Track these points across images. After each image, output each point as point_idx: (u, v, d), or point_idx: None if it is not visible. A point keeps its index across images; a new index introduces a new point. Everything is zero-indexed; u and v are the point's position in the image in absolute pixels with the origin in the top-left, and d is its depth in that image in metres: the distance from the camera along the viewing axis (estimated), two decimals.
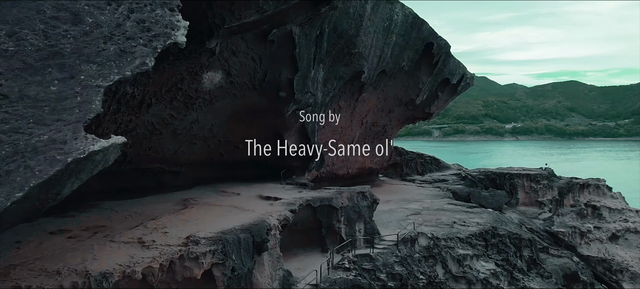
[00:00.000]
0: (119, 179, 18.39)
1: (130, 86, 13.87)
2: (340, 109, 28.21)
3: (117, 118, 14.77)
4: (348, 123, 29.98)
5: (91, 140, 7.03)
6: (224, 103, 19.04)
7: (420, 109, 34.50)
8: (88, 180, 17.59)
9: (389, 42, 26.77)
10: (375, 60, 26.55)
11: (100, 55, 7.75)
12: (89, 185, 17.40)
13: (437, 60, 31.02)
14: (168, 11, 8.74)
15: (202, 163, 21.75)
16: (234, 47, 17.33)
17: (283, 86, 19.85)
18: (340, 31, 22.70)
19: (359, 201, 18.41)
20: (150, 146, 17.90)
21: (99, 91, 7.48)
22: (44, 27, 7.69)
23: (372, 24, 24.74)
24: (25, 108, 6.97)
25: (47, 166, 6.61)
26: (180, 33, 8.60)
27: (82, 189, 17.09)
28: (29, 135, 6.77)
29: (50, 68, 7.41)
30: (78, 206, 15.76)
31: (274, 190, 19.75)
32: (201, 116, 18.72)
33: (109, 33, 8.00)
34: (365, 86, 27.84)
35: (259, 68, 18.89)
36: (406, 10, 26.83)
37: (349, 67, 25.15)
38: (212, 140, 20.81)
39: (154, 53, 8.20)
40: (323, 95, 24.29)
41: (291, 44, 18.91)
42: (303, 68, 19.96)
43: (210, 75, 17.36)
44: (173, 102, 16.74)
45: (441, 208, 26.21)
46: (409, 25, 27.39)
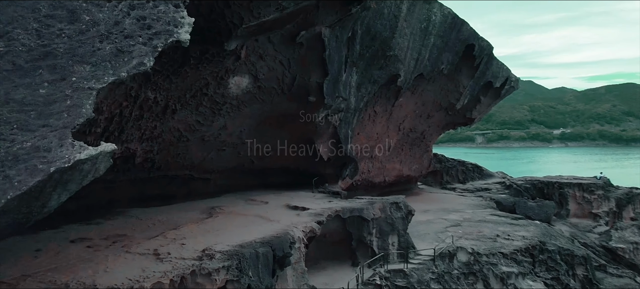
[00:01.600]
0: (149, 186, 18.06)
1: (151, 91, 13.38)
2: (375, 114, 26.91)
3: (141, 124, 14.31)
4: (384, 129, 28.59)
5: (78, 148, 6.29)
6: (252, 108, 18.31)
7: (461, 114, 32.55)
8: (118, 186, 17.39)
9: (426, 44, 25.25)
10: (412, 63, 25.08)
11: (94, 55, 7.05)
12: (118, 191, 17.29)
13: (478, 63, 29.07)
14: (172, 7, 7.97)
15: (232, 170, 21.15)
16: (261, 51, 16.55)
17: (312, 90, 18.87)
18: (374, 33, 21.49)
19: (393, 212, 17.06)
20: (178, 153, 17.42)
21: (91, 94, 6.76)
22: (37, 25, 7.09)
23: (408, 25, 23.34)
24: (10, 113, 6.34)
25: (27, 177, 5.91)
26: (184, 30, 7.79)
27: (111, 195, 16.97)
28: (11, 142, 6.12)
29: (41, 69, 6.78)
30: (105, 213, 15.48)
31: (303, 199, 18.77)
32: (229, 122, 18.08)
33: (106, 31, 7.30)
34: (402, 90, 26.39)
35: (287, 72, 18.02)
36: (445, 10, 25.23)
37: (384, 71, 23.84)
38: (242, 146, 20.15)
39: (153, 53, 7.42)
40: (357, 100, 23.12)
41: (321, 46, 17.91)
42: (333, 71, 18.90)
43: (237, 79, 16.66)
44: (199, 108, 16.15)
45: (483, 219, 24.27)
46: (448, 26, 25.74)
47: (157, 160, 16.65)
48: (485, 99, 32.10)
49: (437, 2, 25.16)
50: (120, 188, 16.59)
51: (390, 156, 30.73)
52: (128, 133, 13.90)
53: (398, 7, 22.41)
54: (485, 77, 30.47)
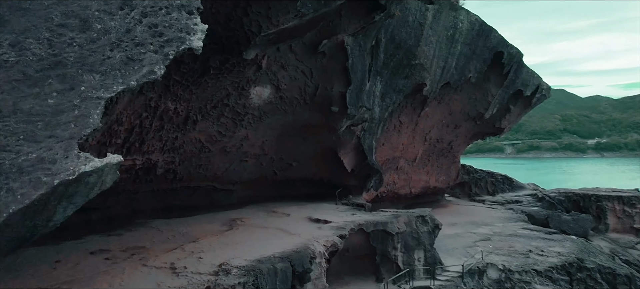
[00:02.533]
0: (171, 197, 17.95)
1: (171, 102, 13.22)
2: (401, 125, 26.20)
3: (162, 135, 14.18)
4: (410, 140, 27.81)
5: (84, 159, 6.01)
6: (274, 119, 18.00)
7: (490, 124, 31.38)
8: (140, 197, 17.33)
9: (453, 52, 24.44)
10: (439, 72, 24.31)
11: (104, 63, 6.81)
12: (141, 202, 17.22)
13: (507, 71, 27.97)
14: (185, 14, 7.68)
15: (255, 181, 20.86)
16: (283, 60, 16.26)
17: (335, 100, 18.41)
18: (398, 41, 20.92)
19: (419, 226, 16.31)
20: (200, 164, 17.24)
21: (99, 103, 6.50)
22: (49, 35, 6.91)
23: (434, 33, 22.66)
24: (17, 124, 6.13)
25: (31, 190, 5.65)
26: (197, 37, 7.48)
27: (133, 206, 16.91)
28: (17, 154, 5.89)
29: (50, 79, 6.57)
30: (127, 224, 15.39)
31: (326, 211, 18.25)
32: (251, 133, 17.81)
33: (117, 39, 7.06)
34: (428, 100, 25.61)
35: (309, 82, 17.65)
36: (472, 17, 24.41)
37: (410, 80, 23.17)
38: (264, 157, 19.85)
39: (164, 61, 7.13)
40: (381, 110, 22.51)
41: (343, 55, 17.48)
42: (356, 81, 18.41)
43: (258, 90, 16.39)
44: (220, 119, 15.94)
45: (515, 233, 23.07)
46: (475, 33, 24.88)
47: (179, 171, 16.51)
48: (515, 108, 30.86)
49: (463, 9, 24.39)
50: (143, 199, 16.51)
51: (417, 168, 29.87)
52: (149, 144, 13.78)
53: (423, 14, 21.78)
54: (515, 86, 29.29)
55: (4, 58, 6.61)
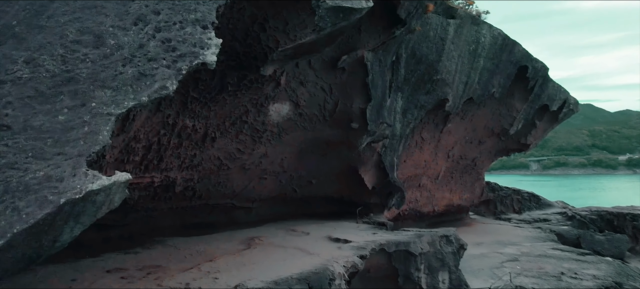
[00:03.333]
0: (190, 215, 17.77)
1: (189, 119, 13.10)
2: (423, 141, 25.58)
3: (180, 152, 14.05)
4: (432, 157, 27.10)
5: (91, 177, 5.78)
6: (293, 136, 17.72)
7: (515, 140, 30.39)
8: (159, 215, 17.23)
9: (475, 67, 23.84)
10: (461, 87, 23.71)
11: (116, 79, 6.64)
12: (160, 220, 17.10)
13: (532, 85, 27.13)
14: (200, 29, 7.49)
15: (275, 199, 20.54)
16: (302, 77, 16.05)
17: (355, 116, 18.02)
18: (419, 56, 20.50)
19: (443, 246, 15.60)
20: (219, 181, 17.04)
21: (109, 119, 6.29)
22: (63, 51, 6.81)
23: (456, 48, 22.16)
24: (27, 141, 5.97)
25: (36, 209, 5.44)
26: (211, 52, 7.26)
27: (153, 224, 16.79)
28: (24, 172, 5.71)
29: (62, 95, 6.43)
30: (145, 242, 15.23)
31: (346, 230, 17.72)
32: (270, 150, 17.55)
33: (129, 55, 6.90)
34: (451, 116, 24.99)
35: (329, 98, 17.35)
36: (494, 32, 23.82)
37: (431, 95, 22.65)
38: (283, 175, 19.53)
39: (177, 76, 6.91)
40: (402, 127, 22.00)
41: (363, 70, 17.15)
42: (377, 97, 18.01)
43: (277, 106, 16.17)
44: (239, 136, 15.75)
45: (544, 253, 21.96)
46: (499, 47, 24.25)
47: (197, 188, 16.34)
48: (541, 123, 29.83)
49: (485, 23, 23.85)
50: (162, 216, 16.37)
51: (440, 185, 29.05)
52: (167, 161, 13.66)
53: (444, 29, 21.35)
54: (541, 100, 28.35)
55: (17, 75, 6.52)
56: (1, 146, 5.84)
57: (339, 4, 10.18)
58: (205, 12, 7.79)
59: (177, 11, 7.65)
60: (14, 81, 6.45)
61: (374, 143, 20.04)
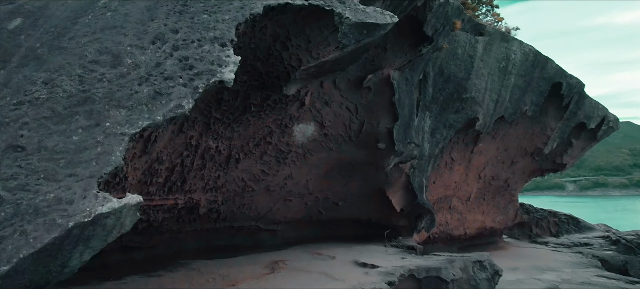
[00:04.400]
0: (214, 237, 17.49)
1: (213, 140, 12.90)
2: (452, 161, 24.63)
3: (204, 174, 13.85)
4: (463, 177, 26.04)
5: (101, 200, 5.49)
6: (318, 157, 17.31)
7: (550, 160, 28.92)
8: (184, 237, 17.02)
9: (506, 85, 22.93)
10: (492, 106, 22.80)
11: (131, 98, 6.43)
12: (184, 242, 16.88)
13: (567, 102, 25.84)
14: (218, 46, 7.25)
15: (300, 221, 20.05)
16: (327, 97, 15.72)
17: (382, 137, 17.47)
18: (447, 74, 19.87)
19: (476, 272, 14.65)
20: (243, 203, 16.73)
21: (123, 139, 6.04)
22: (81, 71, 6.68)
23: (485, 65, 21.40)
24: (40, 162, 5.78)
25: (44, 233, 5.18)
26: (228, 70, 6.98)
27: (177, 246, 16.57)
28: (35, 194, 5.49)
29: (77, 115, 6.25)
30: (168, 265, 14.98)
31: (374, 254, 16.99)
32: (295, 171, 17.17)
33: (146, 74, 6.70)
34: (481, 135, 24.01)
35: (354, 118, 16.91)
36: (525, 48, 22.94)
37: (461, 114, 21.85)
38: (309, 196, 19.07)
39: (193, 94, 6.64)
40: (431, 146, 21.23)
41: (390, 90, 16.69)
42: (404, 116, 17.44)
43: (302, 127, 15.85)
44: (263, 157, 15.47)
45: (587, 281, 20.41)
46: (530, 64, 23.30)
47: (222, 210, 16.07)
48: (578, 142, 28.30)
49: (516, 39, 23.03)
50: (186, 239, 16.15)
51: (471, 207, 27.83)
52: (191, 183, 13.47)
53: (473, 46, 20.69)
54: (577, 118, 26.95)
55: (36, 95, 6.41)
56: (15, 167, 5.67)
57: (362, 20, 9.82)
58: (224, 30, 7.57)
59: (196, 29, 7.46)
60: (31, 102, 6.34)
61: (401, 164, 19.36)
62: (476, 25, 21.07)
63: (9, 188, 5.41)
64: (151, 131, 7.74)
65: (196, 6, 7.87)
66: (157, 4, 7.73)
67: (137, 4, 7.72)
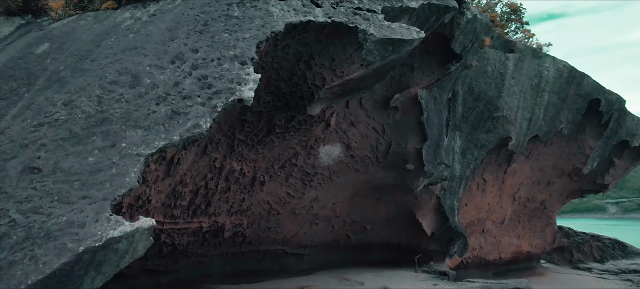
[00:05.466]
0: (240, 261, 17.11)
1: (237, 162, 12.66)
2: (485, 183, 23.55)
3: (228, 197, 13.59)
4: (496, 199, 24.84)
5: (113, 223, 5.21)
6: (345, 179, 16.81)
7: (590, 180, 27.27)
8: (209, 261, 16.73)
9: (539, 103, 21.91)
10: (525, 124, 21.78)
11: (148, 118, 6.21)
12: (210, 266, 16.57)
13: (607, 119, 24.43)
14: (238, 65, 7.01)
15: (327, 245, 19.44)
16: (353, 117, 15.32)
17: (410, 157, 16.84)
18: (477, 93, 19.15)
19: None
20: (269, 226, 16.35)
21: (138, 160, 5.80)
22: (100, 92, 6.55)
23: (516, 83, 20.54)
24: (54, 184, 5.59)
25: (54, 258, 4.91)
26: (248, 88, 6.70)
27: (202, 270, 16.27)
28: (48, 216, 5.27)
29: (94, 136, 6.08)
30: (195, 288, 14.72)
31: (404, 279, 16.18)
32: (321, 194, 16.71)
33: (164, 93, 6.50)
34: (515, 155, 22.92)
35: (382, 139, 16.39)
36: (559, 64, 21.95)
37: (492, 134, 20.93)
38: (336, 220, 18.49)
39: (211, 114, 6.38)
40: (462, 167, 20.35)
41: (418, 109, 16.15)
42: (433, 136, 16.79)
43: (328, 148, 15.45)
44: (289, 179, 15.11)
45: None
46: (565, 80, 22.23)
47: (247, 233, 15.72)
48: (620, 161, 26.63)
49: (548, 56, 22.08)
50: (211, 262, 15.84)
51: (506, 230, 26.44)
52: (215, 206, 13.22)
53: (503, 64, 19.93)
54: (618, 136, 25.40)
55: (55, 117, 6.31)
56: (30, 189, 5.50)
57: (387, 36, 9.45)
58: (245, 48, 7.35)
59: (216, 48, 7.27)
60: (51, 123, 6.23)
61: (431, 186, 18.59)
62: (506, 42, 20.35)
63: (22, 211, 5.22)
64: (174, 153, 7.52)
65: (217, 25, 7.71)
66: (178, 25, 7.62)
67: (159, 25, 7.64)
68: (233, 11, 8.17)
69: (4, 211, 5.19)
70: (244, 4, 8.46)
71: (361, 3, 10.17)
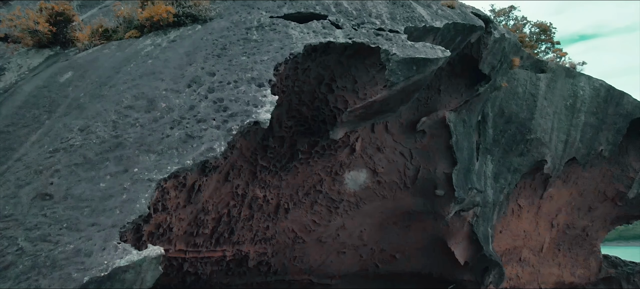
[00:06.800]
0: None
1: (260, 189, 12.36)
2: (520, 209, 22.30)
3: (252, 225, 13.22)
4: (533, 226, 23.43)
5: (121, 252, 4.90)
6: (372, 206, 16.18)
7: (636, 205, 25.41)
8: None
9: (576, 124, 20.77)
10: (560, 147, 20.64)
11: (162, 142, 5.98)
12: None
13: None
14: (255, 87, 6.76)
15: (355, 275, 18.62)
16: (379, 142, 14.84)
17: (440, 183, 16.08)
18: (508, 115, 18.33)
19: None
20: (295, 255, 15.81)
21: (150, 186, 5.54)
22: (116, 117, 6.41)
23: (550, 104, 19.60)
24: (65, 210, 5.37)
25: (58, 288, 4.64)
26: (264, 110, 6.41)
27: None
28: (55, 244, 5.03)
29: (107, 161, 5.88)
30: None
31: None
32: (348, 221, 16.11)
33: (179, 117, 6.29)
34: (551, 179, 21.66)
35: (409, 164, 15.77)
36: (595, 83, 20.88)
37: (526, 157, 19.90)
38: (363, 248, 17.75)
39: (226, 137, 6.09)
40: (495, 193, 19.33)
41: (446, 132, 15.51)
42: (463, 160, 16.03)
43: (353, 174, 14.95)
44: (314, 207, 14.65)
45: None
46: (602, 100, 21.07)
47: (272, 263, 15.23)
48: None
49: (583, 75, 21.08)
50: None
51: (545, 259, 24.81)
52: (239, 234, 12.88)
53: (534, 84, 19.09)
54: None
55: (71, 142, 6.19)
56: (40, 216, 5.31)
57: (411, 56, 9.05)
58: (262, 70, 7.12)
59: (233, 71, 7.07)
60: (66, 149, 6.10)
61: (463, 212, 17.65)
62: (537, 62, 19.57)
63: (31, 239, 5.01)
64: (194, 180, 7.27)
65: (235, 49, 7.55)
66: (196, 49, 7.51)
67: (178, 50, 7.55)
68: (252, 35, 8.02)
69: (12, 239, 5.00)
70: (263, 27, 8.31)
71: (383, 24, 9.88)
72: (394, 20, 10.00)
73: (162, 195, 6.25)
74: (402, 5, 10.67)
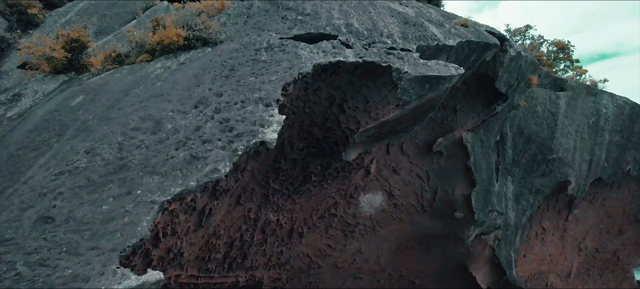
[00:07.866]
0: None
1: (273, 213, 12.07)
2: (544, 231, 21.34)
3: (265, 249, 12.88)
4: (559, 250, 22.35)
5: (119, 277, 4.67)
6: (389, 230, 15.67)
7: None
8: None
9: (600, 142, 19.98)
10: (585, 166, 19.81)
11: (166, 164, 5.81)
12: None
13: None
14: (262, 107, 6.58)
15: None
16: (394, 164, 14.46)
17: (459, 205, 15.52)
18: (528, 134, 17.74)
19: None
20: (310, 281, 15.33)
21: (152, 208, 5.33)
22: (121, 139, 6.29)
23: (571, 122, 18.92)
24: (65, 234, 5.20)
25: None
26: (271, 130, 6.20)
27: None
28: (53, 269, 4.83)
29: (111, 183, 5.73)
30: None
31: None
32: (364, 246, 15.61)
33: (184, 138, 6.13)
34: (576, 200, 20.74)
35: (426, 186, 15.29)
36: (618, 100, 20.13)
37: (548, 178, 19.14)
38: (381, 274, 17.13)
39: (232, 157, 5.88)
40: (517, 215, 18.57)
41: (463, 153, 15.03)
42: (482, 181, 15.47)
43: (369, 197, 14.56)
44: (329, 231, 14.25)
45: None
46: (627, 117, 20.26)
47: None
48: None
49: (605, 92, 20.36)
50: None
51: (573, 284, 23.53)
52: (252, 259, 12.54)
53: (554, 103, 18.50)
54: None
55: (76, 165, 6.08)
56: (40, 240, 5.15)
57: (423, 74, 8.78)
58: (270, 90, 6.95)
59: (241, 91, 6.93)
60: (71, 171, 5.98)
61: (484, 235, 16.93)
62: (556, 80, 19.01)
63: (29, 263, 4.84)
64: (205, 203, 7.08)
65: (243, 70, 7.43)
66: (205, 71, 7.42)
67: (187, 73, 7.48)
68: (261, 56, 7.91)
69: (11, 263, 4.84)
70: (273, 48, 8.21)
71: (395, 43, 9.68)
72: (405, 39, 9.80)
73: (172, 218, 6.05)
74: (414, 25, 10.49)
